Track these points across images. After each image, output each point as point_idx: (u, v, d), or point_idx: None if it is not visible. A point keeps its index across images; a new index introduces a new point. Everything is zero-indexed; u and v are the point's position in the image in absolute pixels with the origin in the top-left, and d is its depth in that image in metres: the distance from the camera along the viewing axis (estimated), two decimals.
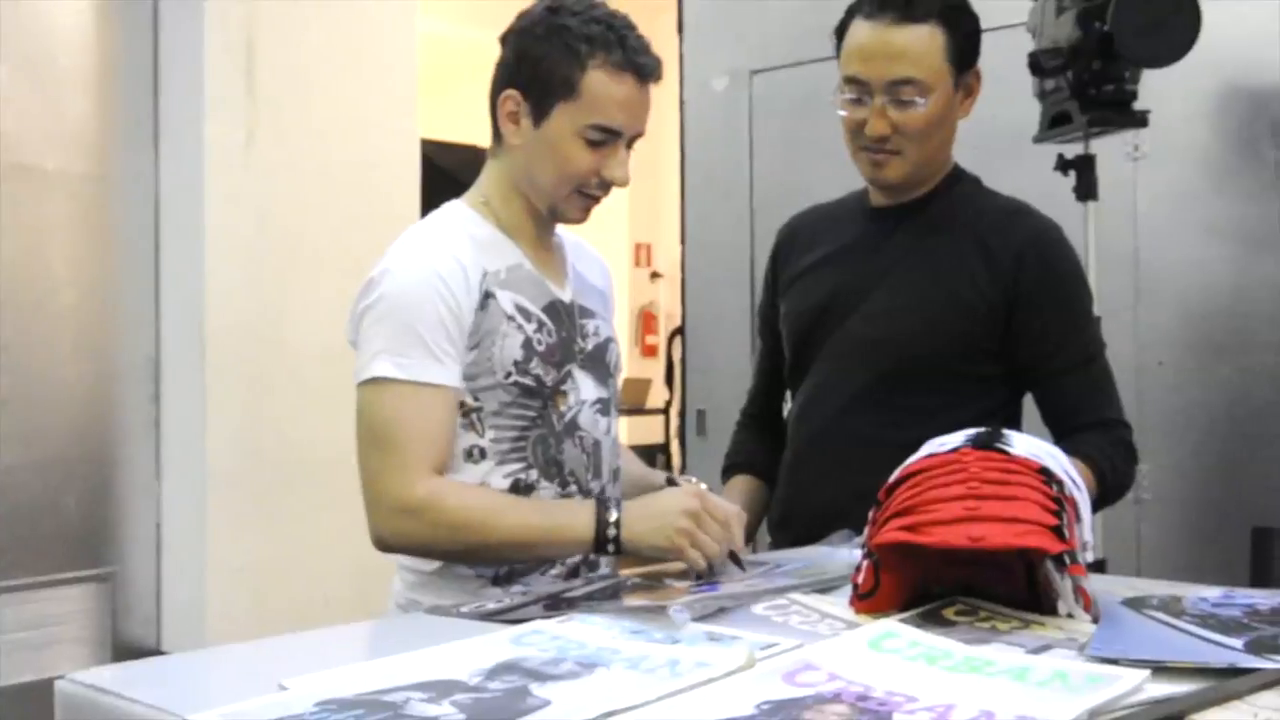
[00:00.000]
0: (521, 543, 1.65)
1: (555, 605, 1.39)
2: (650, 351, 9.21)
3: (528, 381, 1.71)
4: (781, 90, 3.77)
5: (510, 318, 1.72)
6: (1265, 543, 2.77)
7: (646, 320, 9.30)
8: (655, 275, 9.19)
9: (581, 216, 1.80)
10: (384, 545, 1.68)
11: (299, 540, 3.97)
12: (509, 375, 1.71)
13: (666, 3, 4.47)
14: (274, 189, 4.02)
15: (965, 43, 1.92)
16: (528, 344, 1.72)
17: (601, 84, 1.69)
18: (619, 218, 9.11)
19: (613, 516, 1.60)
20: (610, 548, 1.61)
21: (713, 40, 4.05)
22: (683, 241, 4.18)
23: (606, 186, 1.76)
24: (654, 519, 1.59)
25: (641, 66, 1.71)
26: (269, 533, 3.93)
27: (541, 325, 1.75)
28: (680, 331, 4.25)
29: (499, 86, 1.76)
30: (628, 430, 8.79)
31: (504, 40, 1.77)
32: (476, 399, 1.71)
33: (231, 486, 3.90)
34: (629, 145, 1.75)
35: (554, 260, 1.85)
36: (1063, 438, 1.87)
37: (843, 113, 1.93)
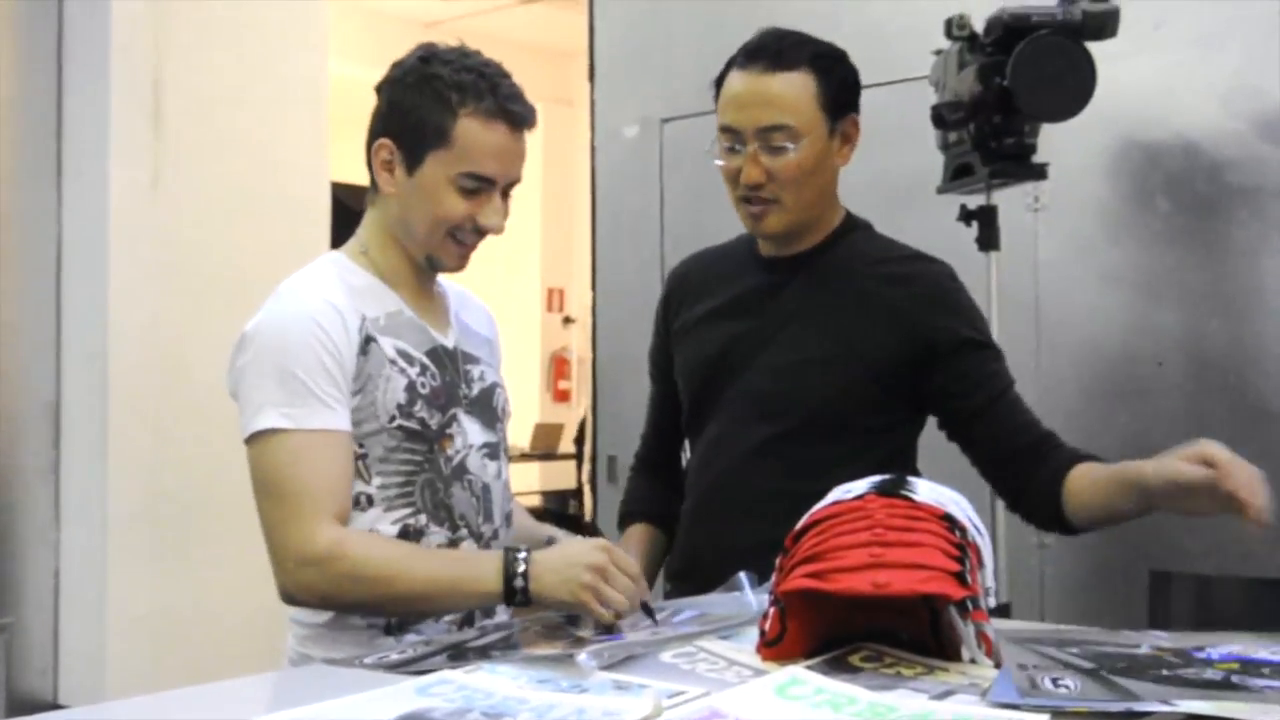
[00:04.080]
0: (428, 595, 1.63)
1: (460, 655, 1.38)
2: (563, 396, 9.20)
3: (413, 425, 1.71)
4: (692, 138, 3.79)
5: (392, 362, 1.72)
6: (1163, 586, 2.83)
7: (559, 365, 9.30)
8: (568, 320, 9.20)
9: (457, 264, 1.79)
10: (290, 598, 1.66)
11: (204, 589, 3.89)
12: (393, 419, 1.70)
13: (578, 49, 4.50)
14: (180, 230, 3.97)
15: (840, 90, 1.95)
16: (411, 387, 1.72)
17: (473, 132, 1.69)
18: (531, 263, 9.12)
19: (520, 568, 1.57)
20: (519, 599, 1.58)
21: (624, 87, 4.08)
22: (594, 287, 4.19)
23: (481, 233, 1.75)
24: (561, 571, 1.55)
25: (513, 114, 1.71)
26: (172, 581, 3.85)
27: (425, 369, 1.75)
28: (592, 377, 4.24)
29: (374, 135, 1.76)
30: (539, 476, 8.75)
31: (379, 90, 1.78)
32: (361, 445, 1.70)
33: (133, 533, 3.82)
34: (505, 193, 1.75)
35: (436, 308, 1.85)
36: (1014, 459, 1.87)
37: (719, 162, 1.96)
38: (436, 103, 1.70)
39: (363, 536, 1.66)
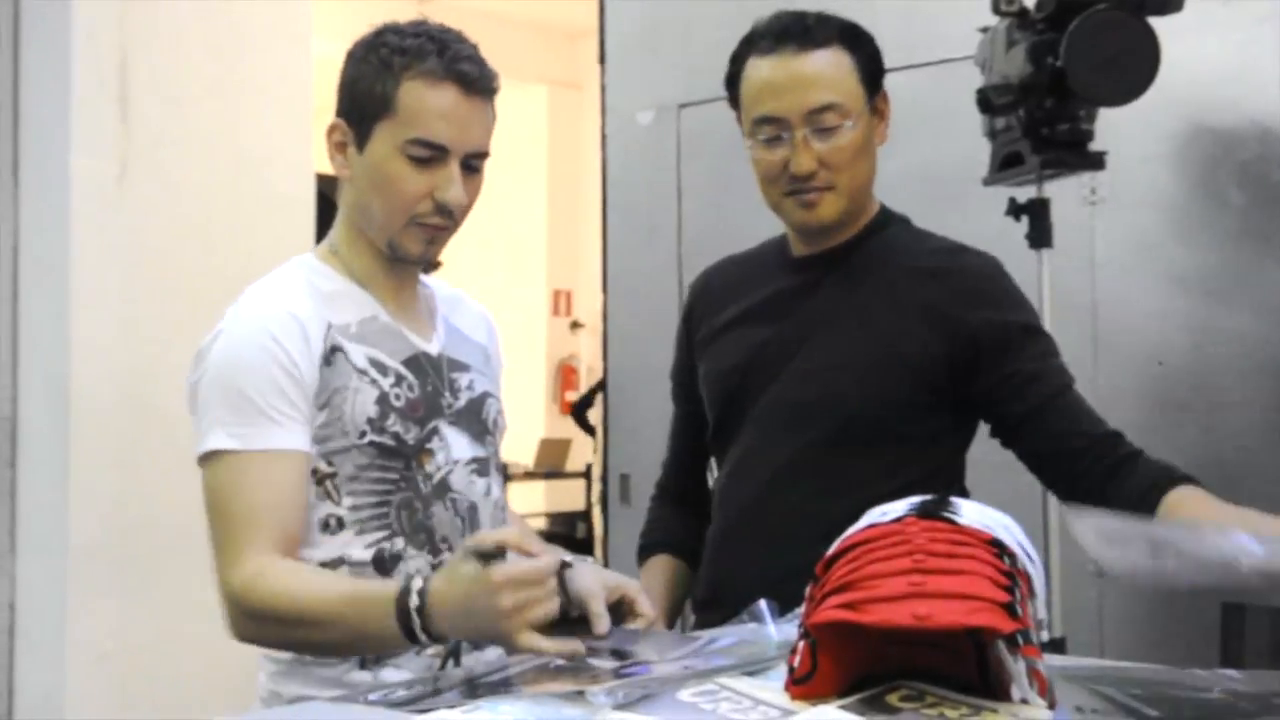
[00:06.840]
0: (342, 643, 1.63)
1: (475, 690, 1.40)
2: (570, 409, 9.20)
3: (386, 440, 1.73)
4: (713, 125, 3.79)
5: (362, 372, 1.74)
6: (1235, 620, 2.82)
7: (566, 374, 9.31)
8: (576, 325, 9.22)
9: (423, 250, 1.79)
10: (234, 635, 1.68)
11: (171, 624, 3.90)
12: (364, 435, 1.72)
13: (587, 28, 4.51)
14: (149, 230, 3.98)
15: (870, 63, 1.98)
16: (383, 399, 1.74)
17: (417, 95, 1.71)
18: (536, 263, 9.13)
19: (415, 624, 1.51)
20: (425, 642, 1.55)
21: (638, 70, 4.09)
22: (605, 289, 4.20)
23: (444, 212, 1.75)
24: (470, 616, 1.49)
25: (463, 75, 1.72)
26: (137, 615, 3.86)
27: (400, 379, 1.77)
28: (602, 387, 4.25)
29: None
30: (545, 496, 8.76)
31: None
32: (330, 463, 1.72)
33: (96, 563, 3.82)
34: (470, 166, 1.76)
35: (418, 310, 1.87)
36: (1076, 463, 1.87)
37: (757, 158, 1.97)
38: (381, 70, 1.73)
39: (283, 570, 1.64)
